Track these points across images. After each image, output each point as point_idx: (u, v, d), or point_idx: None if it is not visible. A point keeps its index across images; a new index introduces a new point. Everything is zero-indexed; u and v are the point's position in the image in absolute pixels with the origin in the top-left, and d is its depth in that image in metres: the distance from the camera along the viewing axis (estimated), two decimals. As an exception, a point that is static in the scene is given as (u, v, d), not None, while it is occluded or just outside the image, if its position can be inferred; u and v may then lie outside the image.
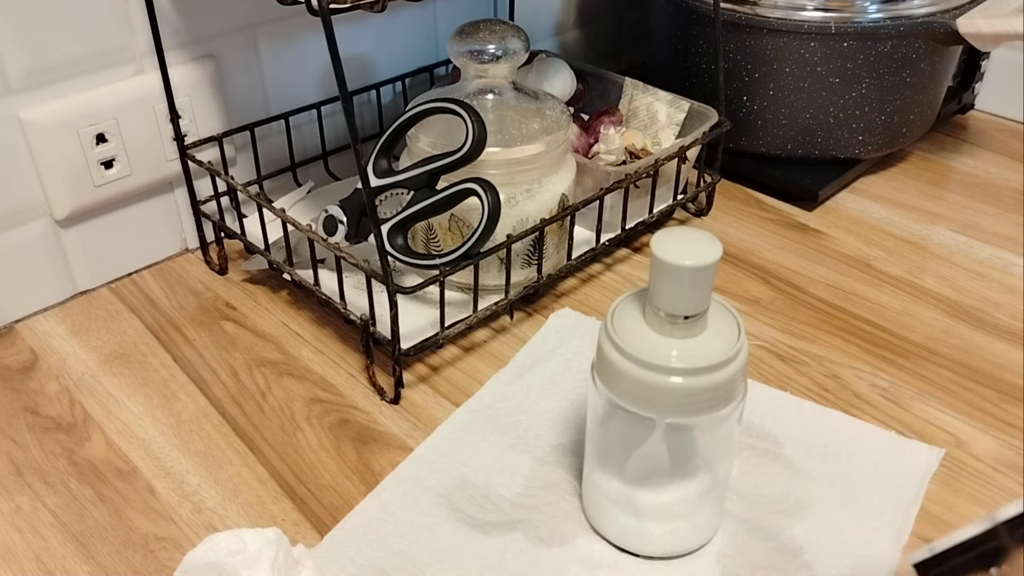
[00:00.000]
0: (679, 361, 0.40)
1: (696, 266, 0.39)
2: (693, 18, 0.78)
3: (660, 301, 0.40)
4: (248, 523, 0.49)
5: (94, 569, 0.47)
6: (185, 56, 0.66)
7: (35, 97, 0.59)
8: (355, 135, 0.50)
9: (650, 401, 0.40)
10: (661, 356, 0.40)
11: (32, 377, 0.59)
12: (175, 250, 0.72)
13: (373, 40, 0.77)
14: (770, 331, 0.64)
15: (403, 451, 0.53)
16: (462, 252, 0.55)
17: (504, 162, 0.59)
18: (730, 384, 0.41)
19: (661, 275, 0.40)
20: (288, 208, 0.69)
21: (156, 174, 0.67)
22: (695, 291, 0.39)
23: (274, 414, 0.56)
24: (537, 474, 0.51)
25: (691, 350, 0.40)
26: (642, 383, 0.40)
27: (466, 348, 0.62)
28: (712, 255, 0.39)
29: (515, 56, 0.61)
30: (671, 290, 0.40)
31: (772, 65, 0.75)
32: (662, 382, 0.40)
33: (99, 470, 0.52)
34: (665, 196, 0.73)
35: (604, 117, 0.75)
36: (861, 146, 0.79)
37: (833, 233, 0.76)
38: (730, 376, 0.40)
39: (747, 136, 0.80)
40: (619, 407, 0.42)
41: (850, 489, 0.50)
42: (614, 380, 0.41)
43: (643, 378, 0.40)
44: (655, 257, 0.39)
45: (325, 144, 0.74)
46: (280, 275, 0.65)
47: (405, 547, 0.47)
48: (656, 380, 0.40)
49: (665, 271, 0.39)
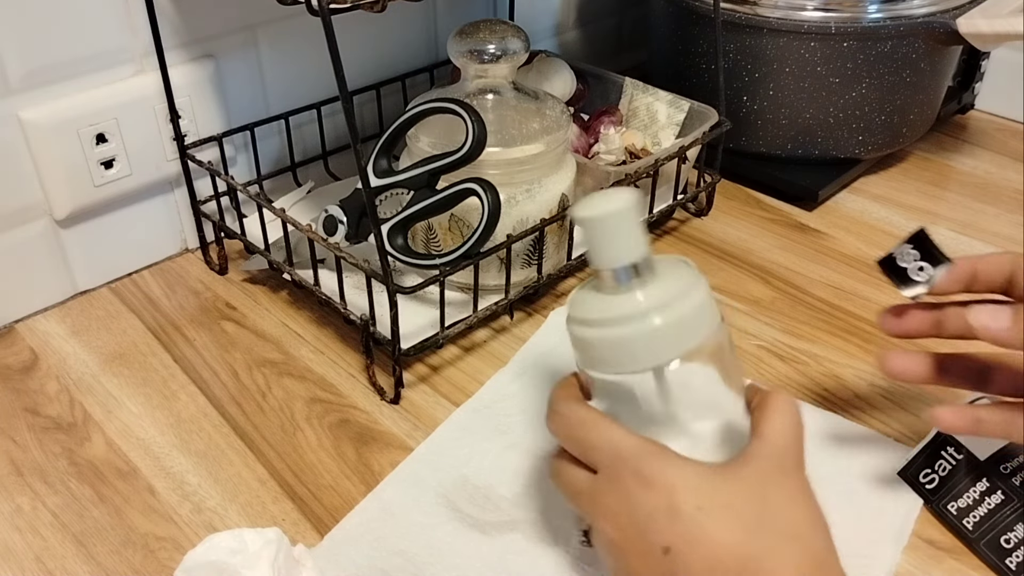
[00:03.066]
0: (646, 301, 0.40)
1: (608, 212, 0.40)
2: (693, 18, 0.78)
3: (594, 260, 0.42)
4: (248, 523, 0.49)
5: (94, 569, 0.47)
6: (185, 56, 0.66)
7: (35, 97, 0.59)
8: (355, 135, 0.50)
9: (632, 353, 0.41)
10: (622, 306, 0.41)
11: (32, 377, 0.59)
12: (175, 250, 0.72)
13: (373, 40, 0.77)
14: (770, 331, 0.64)
15: (403, 451, 0.53)
16: (462, 252, 0.55)
17: (504, 162, 0.59)
18: (699, 312, 0.41)
19: (585, 233, 0.42)
20: (288, 208, 0.69)
21: (156, 174, 0.67)
22: (620, 239, 0.41)
23: (274, 414, 0.56)
24: (537, 473, 0.51)
25: (650, 291, 0.41)
26: (618, 339, 0.41)
27: (466, 348, 0.62)
28: (620, 203, 0.41)
29: (515, 56, 0.61)
30: (598, 244, 0.41)
31: (772, 65, 0.75)
32: (634, 329, 0.40)
33: (99, 470, 0.52)
34: (665, 196, 0.73)
35: (604, 117, 0.75)
36: (861, 146, 0.79)
37: (833, 233, 0.76)
38: (699, 302, 0.41)
39: (747, 136, 0.80)
40: (607, 381, 0.42)
41: (850, 489, 0.50)
42: (591, 353, 0.42)
43: (617, 334, 0.41)
44: (575, 219, 0.41)
45: (325, 144, 0.74)
46: (280, 275, 0.65)
47: (405, 547, 0.47)
48: (627, 330, 0.40)
49: (585, 227, 0.41)
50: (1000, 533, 0.47)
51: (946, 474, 0.49)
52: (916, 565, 0.47)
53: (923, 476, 0.49)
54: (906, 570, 0.47)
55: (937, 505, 0.49)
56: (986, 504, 0.48)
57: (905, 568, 0.47)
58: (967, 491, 0.48)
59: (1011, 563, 0.46)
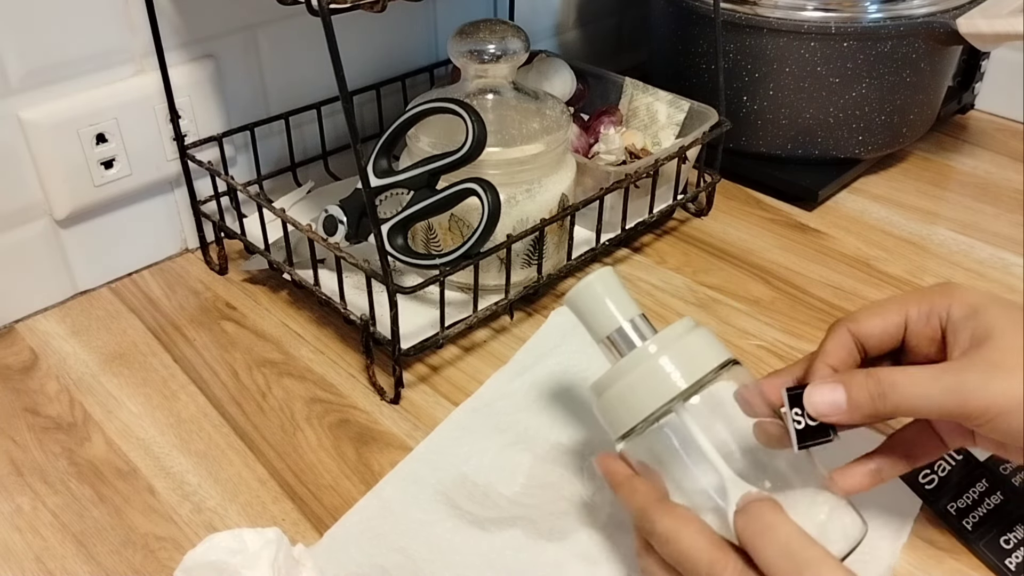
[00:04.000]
0: (649, 345, 0.42)
1: (587, 281, 0.44)
2: (693, 18, 0.78)
3: (593, 334, 0.45)
4: (248, 523, 0.49)
5: (94, 569, 0.47)
6: (185, 56, 0.66)
7: (35, 97, 0.59)
8: (355, 135, 0.50)
9: (651, 390, 0.41)
10: (628, 358, 0.42)
11: (32, 377, 0.59)
12: (175, 250, 0.72)
13: (373, 40, 0.77)
14: (770, 331, 0.64)
15: (403, 451, 0.53)
16: (462, 252, 0.55)
17: (504, 162, 0.59)
18: (705, 346, 0.42)
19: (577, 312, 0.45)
20: (288, 208, 0.69)
21: (156, 174, 0.67)
22: (609, 303, 0.44)
23: (274, 414, 0.56)
24: (536, 472, 0.51)
25: (652, 339, 0.43)
26: (633, 384, 0.41)
27: (466, 348, 0.62)
28: (597, 272, 0.45)
29: (515, 56, 0.61)
30: (590, 315, 0.45)
31: (772, 65, 0.75)
32: (645, 368, 0.41)
33: (99, 470, 0.52)
34: (665, 196, 0.73)
35: (604, 117, 0.75)
36: (861, 146, 0.79)
37: (833, 233, 0.76)
38: (703, 337, 0.42)
39: (747, 136, 0.80)
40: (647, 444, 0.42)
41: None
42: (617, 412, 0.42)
43: (630, 380, 0.42)
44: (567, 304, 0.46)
45: (325, 144, 0.74)
46: (280, 275, 0.65)
47: (404, 544, 0.47)
48: (638, 372, 0.42)
49: (574, 304, 0.45)
50: (1000, 534, 0.47)
51: (946, 474, 0.49)
52: (916, 565, 0.47)
53: (923, 476, 0.49)
54: (906, 570, 0.47)
55: (937, 505, 0.49)
56: (986, 504, 0.48)
57: (905, 568, 0.47)
58: (967, 491, 0.48)
59: (1011, 563, 0.46)
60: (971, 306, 0.42)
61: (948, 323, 0.42)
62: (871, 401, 0.40)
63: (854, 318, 0.45)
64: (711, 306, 0.66)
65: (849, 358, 0.44)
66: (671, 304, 0.67)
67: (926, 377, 0.40)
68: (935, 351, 0.43)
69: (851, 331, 0.44)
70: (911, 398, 0.40)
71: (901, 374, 0.40)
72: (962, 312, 0.42)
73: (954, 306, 0.42)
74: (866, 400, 0.40)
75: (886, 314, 0.44)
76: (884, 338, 0.44)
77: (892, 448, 0.45)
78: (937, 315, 0.43)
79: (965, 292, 0.43)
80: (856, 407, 0.41)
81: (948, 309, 0.42)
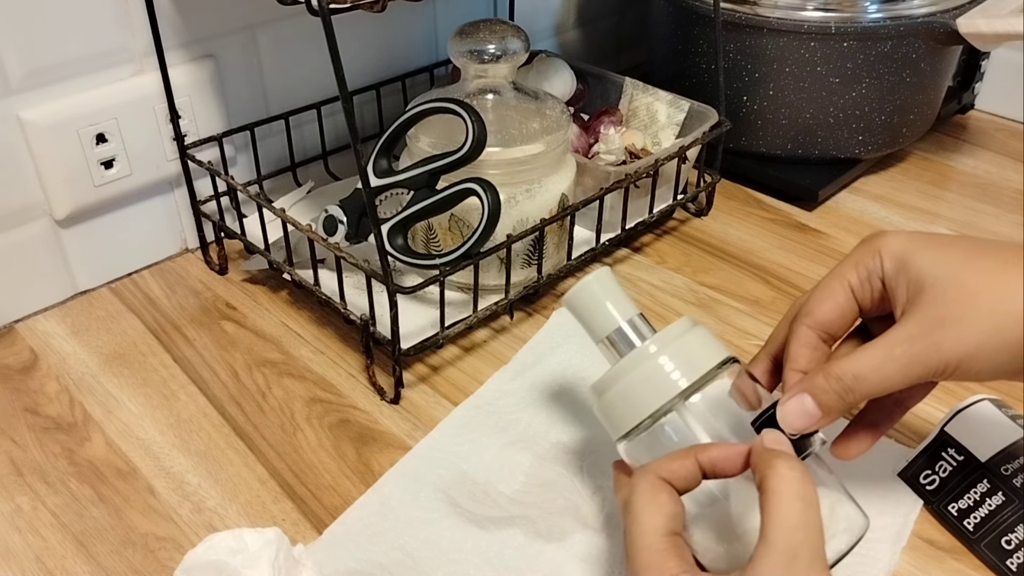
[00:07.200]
0: (648, 344, 0.42)
1: (585, 282, 0.45)
2: (693, 18, 0.78)
3: (592, 335, 0.45)
4: (248, 523, 0.49)
5: (94, 569, 0.47)
6: (185, 56, 0.66)
7: (35, 97, 0.59)
8: (355, 135, 0.50)
9: (653, 389, 0.41)
10: (628, 359, 0.42)
11: (32, 377, 0.59)
12: (175, 250, 0.72)
13: (373, 40, 0.77)
14: (770, 331, 0.63)
15: (403, 451, 0.53)
16: (462, 252, 0.55)
17: (504, 162, 0.59)
18: (704, 344, 0.42)
19: (575, 314, 0.46)
20: (288, 208, 0.69)
21: (156, 174, 0.67)
22: (607, 304, 0.44)
23: (274, 414, 0.56)
24: (536, 471, 0.51)
25: (651, 339, 0.43)
26: (633, 383, 0.42)
27: (466, 348, 0.62)
28: (594, 273, 0.45)
29: (515, 56, 0.61)
30: (589, 317, 0.45)
31: (772, 65, 0.75)
32: (644, 367, 0.41)
33: (99, 470, 0.52)
34: (665, 196, 0.73)
35: (604, 117, 0.75)
36: (861, 146, 0.79)
37: (833, 233, 0.76)
38: (702, 336, 0.42)
39: (747, 136, 0.80)
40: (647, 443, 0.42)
41: (849, 490, 0.50)
42: (618, 412, 0.42)
43: (630, 379, 0.42)
44: (566, 305, 0.46)
45: (325, 144, 0.74)
46: (280, 275, 0.65)
47: (404, 542, 0.47)
48: (638, 371, 0.42)
49: (573, 306, 0.46)
50: (1001, 534, 0.47)
51: (947, 475, 0.49)
52: (916, 565, 0.47)
53: (923, 477, 0.49)
54: (906, 570, 0.47)
55: (938, 506, 0.49)
56: (987, 505, 0.48)
57: (905, 568, 0.47)
58: (968, 492, 0.48)
59: (1012, 564, 0.46)
60: (898, 257, 0.41)
61: (885, 279, 0.42)
62: (840, 400, 0.40)
63: (808, 312, 0.43)
64: (711, 306, 0.66)
65: (816, 354, 0.43)
66: (671, 304, 0.67)
67: (881, 356, 0.39)
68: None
69: (809, 326, 0.43)
70: (876, 382, 0.39)
71: (858, 361, 0.40)
72: (892, 265, 0.41)
73: (885, 260, 0.41)
74: (835, 401, 0.40)
75: (833, 294, 0.43)
76: (843, 318, 0.43)
77: (880, 401, 0.45)
78: (876, 275, 0.42)
79: (890, 241, 0.42)
80: (829, 410, 0.40)
81: (881, 265, 0.42)
